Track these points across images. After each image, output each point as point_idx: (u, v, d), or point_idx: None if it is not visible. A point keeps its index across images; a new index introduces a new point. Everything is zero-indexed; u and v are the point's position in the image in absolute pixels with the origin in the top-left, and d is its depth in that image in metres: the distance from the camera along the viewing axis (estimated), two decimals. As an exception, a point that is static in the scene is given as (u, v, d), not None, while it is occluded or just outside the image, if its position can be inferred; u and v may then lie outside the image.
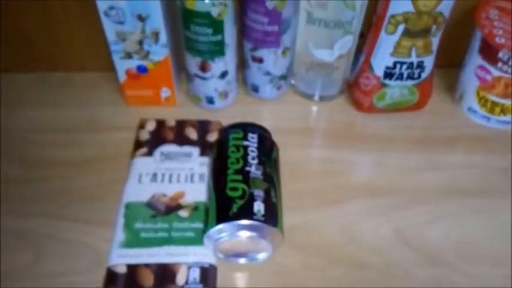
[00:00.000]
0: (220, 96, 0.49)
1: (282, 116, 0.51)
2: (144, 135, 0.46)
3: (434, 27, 0.43)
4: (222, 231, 0.35)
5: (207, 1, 0.40)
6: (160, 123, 0.47)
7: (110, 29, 0.43)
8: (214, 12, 0.40)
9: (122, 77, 0.47)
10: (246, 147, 0.39)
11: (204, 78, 0.46)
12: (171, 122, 0.47)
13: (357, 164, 0.47)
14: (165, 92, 0.49)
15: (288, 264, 0.39)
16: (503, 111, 0.48)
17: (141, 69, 0.47)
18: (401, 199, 0.43)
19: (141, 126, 0.47)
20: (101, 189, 0.43)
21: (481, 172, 0.46)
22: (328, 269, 0.39)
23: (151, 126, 0.47)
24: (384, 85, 0.47)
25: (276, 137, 0.43)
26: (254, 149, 0.39)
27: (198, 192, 0.41)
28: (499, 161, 0.47)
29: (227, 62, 0.46)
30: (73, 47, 0.52)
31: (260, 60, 0.47)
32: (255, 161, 0.38)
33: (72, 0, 0.47)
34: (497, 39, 0.44)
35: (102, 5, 0.41)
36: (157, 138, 0.46)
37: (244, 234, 0.35)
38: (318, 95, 0.52)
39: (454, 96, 0.53)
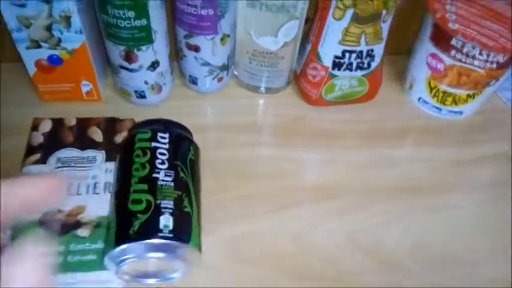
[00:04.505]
0: (152, 89, 0.43)
1: (225, 110, 0.47)
2: (37, 139, 0.38)
3: (384, 12, 0.39)
4: (123, 253, 0.29)
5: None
6: (58, 123, 0.39)
7: (9, 14, 0.36)
8: (136, -9, 0.34)
9: (32, 69, 0.40)
10: (154, 150, 0.32)
11: (130, 70, 0.40)
12: (72, 121, 0.40)
13: (306, 162, 0.44)
14: (86, 86, 0.42)
15: (233, 280, 0.34)
16: (456, 101, 0.46)
17: (54, 60, 0.40)
18: (353, 200, 0.40)
19: (34, 127, 0.39)
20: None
21: (433, 166, 0.44)
22: (277, 283, 0.35)
23: (46, 126, 0.39)
24: (333, 76, 0.44)
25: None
26: (164, 151, 0.33)
27: (101, 205, 0.34)
28: (451, 154, 0.45)
29: (157, 50, 0.40)
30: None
31: (196, 49, 0.42)
32: (165, 166, 0.32)
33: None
34: (450, 25, 0.41)
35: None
36: (54, 142, 0.38)
37: (151, 255, 0.29)
38: (263, 86, 0.48)
39: (403, 85, 0.50)
